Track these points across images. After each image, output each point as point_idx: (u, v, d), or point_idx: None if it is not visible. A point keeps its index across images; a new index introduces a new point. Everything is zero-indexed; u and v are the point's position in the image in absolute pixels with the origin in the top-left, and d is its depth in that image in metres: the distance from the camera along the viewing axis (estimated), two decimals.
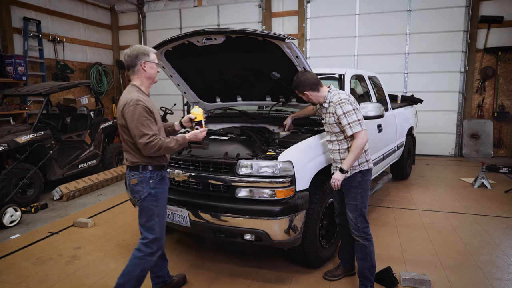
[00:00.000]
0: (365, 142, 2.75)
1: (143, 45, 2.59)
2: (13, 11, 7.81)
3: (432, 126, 8.61)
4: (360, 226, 2.87)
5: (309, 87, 2.85)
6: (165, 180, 2.65)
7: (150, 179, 2.54)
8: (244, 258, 3.58)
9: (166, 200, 2.67)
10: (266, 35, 3.01)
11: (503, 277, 3.18)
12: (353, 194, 2.87)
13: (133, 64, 2.52)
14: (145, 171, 2.53)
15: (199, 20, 10.07)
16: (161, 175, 2.60)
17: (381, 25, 8.76)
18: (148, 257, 2.57)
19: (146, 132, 2.39)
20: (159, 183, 2.58)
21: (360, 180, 2.86)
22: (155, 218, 2.57)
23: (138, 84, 2.56)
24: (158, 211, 2.58)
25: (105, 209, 5.13)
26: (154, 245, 2.59)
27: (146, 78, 2.57)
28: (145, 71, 2.53)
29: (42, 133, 5.65)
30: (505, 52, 8.13)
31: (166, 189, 2.66)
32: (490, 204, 5.07)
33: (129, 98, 2.43)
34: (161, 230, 2.62)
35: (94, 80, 10.04)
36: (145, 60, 2.51)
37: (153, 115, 2.50)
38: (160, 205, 2.59)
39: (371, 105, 3.90)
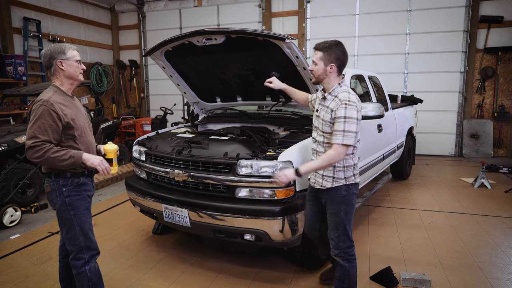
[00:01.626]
0: (339, 160, 2.37)
1: (63, 44, 2.43)
2: (13, 11, 7.81)
3: (432, 126, 8.61)
4: (342, 246, 2.51)
5: (340, 62, 2.39)
6: (85, 186, 2.44)
7: (63, 186, 2.35)
8: (244, 258, 3.58)
9: (88, 206, 2.47)
10: (266, 35, 3.01)
11: (503, 277, 3.18)
12: (336, 209, 2.51)
13: (49, 65, 2.36)
14: (57, 178, 2.35)
15: (199, 20, 10.07)
16: (77, 183, 2.39)
17: (381, 25, 8.76)
18: (85, 267, 2.42)
19: (37, 135, 2.20)
20: (75, 191, 2.38)
21: (344, 195, 2.48)
22: (75, 228, 2.38)
23: (58, 84, 2.40)
24: (77, 220, 2.38)
25: (105, 209, 5.13)
26: (84, 254, 2.42)
27: (66, 77, 2.39)
28: (63, 70, 2.36)
29: None
30: (505, 52, 8.12)
31: (85, 196, 2.44)
32: (490, 204, 5.07)
33: (39, 98, 2.28)
34: (86, 238, 2.42)
35: (94, 80, 10.04)
36: (61, 59, 2.33)
37: (63, 122, 2.28)
38: (79, 214, 2.39)
39: (371, 105, 3.90)
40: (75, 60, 2.40)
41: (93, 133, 2.62)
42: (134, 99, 11.37)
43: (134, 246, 3.91)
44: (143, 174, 3.65)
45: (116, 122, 7.55)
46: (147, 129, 8.34)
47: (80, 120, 2.42)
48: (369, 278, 3.15)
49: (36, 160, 2.23)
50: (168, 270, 3.37)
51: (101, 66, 10.41)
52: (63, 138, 2.31)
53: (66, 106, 2.33)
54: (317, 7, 9.20)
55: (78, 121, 2.39)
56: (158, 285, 3.12)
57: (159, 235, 4.16)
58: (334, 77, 2.44)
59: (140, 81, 11.18)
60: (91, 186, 2.53)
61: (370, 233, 4.13)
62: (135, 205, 3.74)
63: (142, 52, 10.89)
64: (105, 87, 10.50)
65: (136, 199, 3.62)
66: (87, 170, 2.44)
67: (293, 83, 3.49)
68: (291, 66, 3.27)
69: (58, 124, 2.25)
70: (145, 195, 3.44)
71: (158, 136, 3.92)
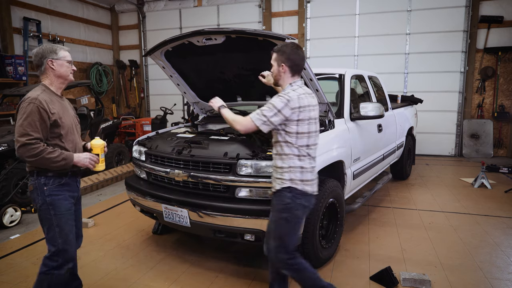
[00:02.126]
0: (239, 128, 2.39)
1: (56, 44, 2.47)
2: (13, 11, 7.81)
3: (432, 126, 8.61)
4: (280, 257, 2.38)
5: (291, 62, 2.38)
6: (67, 187, 2.40)
7: (45, 185, 2.31)
8: (244, 258, 3.58)
9: (70, 207, 2.41)
10: (266, 35, 3.01)
11: (503, 277, 3.18)
12: (276, 217, 2.37)
13: (39, 63, 2.37)
14: (39, 177, 2.32)
15: (199, 20, 10.07)
16: (59, 182, 2.35)
17: (381, 25, 8.76)
18: (54, 271, 2.34)
19: (29, 133, 2.19)
20: (56, 190, 2.34)
21: (288, 202, 2.33)
22: (55, 228, 2.34)
23: (47, 83, 2.41)
24: (57, 221, 2.33)
25: (105, 209, 5.13)
26: (59, 258, 2.35)
27: (56, 77, 2.40)
28: (53, 69, 2.37)
29: None
30: (505, 52, 8.13)
31: (67, 196, 2.39)
32: (490, 204, 5.07)
33: (27, 96, 2.28)
34: (64, 241, 2.35)
35: (94, 80, 10.04)
36: (52, 58, 2.35)
37: (51, 120, 2.28)
38: (59, 214, 2.34)
39: (371, 105, 3.91)
40: (66, 60, 2.41)
41: (80, 135, 2.61)
42: (134, 99, 11.37)
43: (134, 246, 3.91)
44: (143, 174, 3.65)
45: (116, 122, 7.55)
46: (147, 129, 8.34)
47: (67, 119, 2.41)
48: (369, 278, 3.15)
49: (29, 159, 2.22)
50: (168, 270, 3.37)
51: (101, 66, 10.42)
52: (49, 136, 2.31)
53: (54, 104, 2.33)
54: (317, 7, 9.20)
55: (65, 120, 2.39)
56: (158, 285, 3.12)
57: (159, 235, 4.16)
58: (287, 77, 2.43)
59: (140, 81, 11.18)
60: (76, 187, 2.50)
61: (370, 233, 4.13)
62: (135, 205, 3.74)
63: (142, 52, 10.89)
64: (105, 87, 10.50)
65: (136, 199, 3.62)
66: (71, 170, 2.41)
67: None
68: None
69: (47, 122, 2.26)
70: (145, 195, 3.44)
71: (158, 136, 3.92)
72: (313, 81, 3.31)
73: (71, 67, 2.44)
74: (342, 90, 4.15)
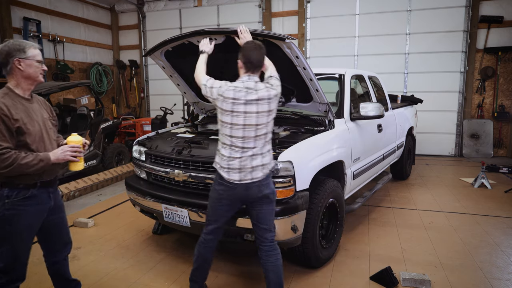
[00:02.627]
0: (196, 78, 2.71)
1: (23, 40, 2.22)
2: (13, 11, 7.81)
3: (432, 126, 8.61)
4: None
5: (245, 59, 2.50)
6: (33, 200, 2.18)
7: (7, 198, 2.11)
8: (244, 258, 3.58)
9: (32, 222, 2.22)
10: (266, 35, 3.01)
11: (503, 277, 3.18)
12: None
13: (5, 63, 2.12)
14: (3, 189, 2.12)
15: (199, 20, 10.07)
16: (23, 195, 2.14)
17: (381, 25, 8.76)
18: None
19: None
20: (18, 204, 2.13)
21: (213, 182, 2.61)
22: (5, 245, 2.13)
23: (12, 85, 2.16)
24: (10, 237, 2.13)
25: (105, 209, 5.13)
26: (4, 276, 2.17)
27: (24, 78, 2.15)
28: (21, 70, 2.13)
29: None
30: (505, 52, 8.13)
31: (31, 211, 2.18)
32: (490, 204, 5.07)
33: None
34: (14, 261, 2.16)
35: (94, 80, 10.04)
36: (19, 57, 2.12)
37: (14, 126, 2.06)
38: (15, 231, 2.14)
39: (371, 105, 3.91)
40: (36, 60, 2.18)
41: (56, 139, 2.39)
42: (134, 99, 11.37)
43: (134, 246, 3.91)
44: (143, 174, 3.65)
45: (116, 122, 7.55)
46: (147, 129, 8.34)
47: (34, 125, 2.16)
48: (369, 278, 3.15)
49: (3, 170, 2.02)
50: (168, 270, 3.37)
51: (101, 66, 10.42)
52: (15, 145, 2.09)
53: (17, 109, 2.11)
54: (317, 7, 9.20)
55: (32, 127, 2.15)
56: (158, 285, 3.12)
57: (159, 235, 4.16)
58: (241, 72, 2.56)
59: (140, 81, 11.18)
60: (47, 198, 2.27)
61: (370, 233, 4.13)
62: (135, 205, 3.74)
63: (142, 52, 10.89)
64: (105, 87, 10.51)
65: (136, 199, 3.62)
66: (40, 181, 2.20)
67: (293, 83, 3.49)
68: (291, 66, 3.27)
69: (12, 129, 2.06)
70: (145, 195, 3.44)
71: (158, 136, 3.92)
72: (313, 81, 3.31)
73: (41, 67, 2.22)
74: (342, 90, 4.14)
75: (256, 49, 2.51)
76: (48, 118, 2.33)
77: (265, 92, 2.44)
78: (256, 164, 2.45)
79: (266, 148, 2.50)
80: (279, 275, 2.58)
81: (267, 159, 2.50)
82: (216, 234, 2.71)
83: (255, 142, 2.44)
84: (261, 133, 2.45)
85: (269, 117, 2.48)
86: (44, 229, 2.36)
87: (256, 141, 2.44)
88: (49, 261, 2.52)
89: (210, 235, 2.70)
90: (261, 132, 2.45)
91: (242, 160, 2.44)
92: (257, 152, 2.45)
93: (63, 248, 2.53)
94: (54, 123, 2.39)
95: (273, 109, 2.50)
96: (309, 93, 3.51)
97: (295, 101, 3.82)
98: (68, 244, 2.56)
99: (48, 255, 2.51)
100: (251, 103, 2.41)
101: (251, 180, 2.45)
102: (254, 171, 2.45)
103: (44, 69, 2.25)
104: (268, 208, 2.56)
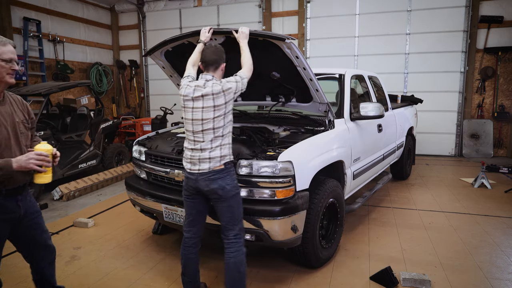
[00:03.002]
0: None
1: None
2: (13, 11, 7.81)
3: (432, 126, 8.61)
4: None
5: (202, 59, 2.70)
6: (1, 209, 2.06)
7: None
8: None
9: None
10: (266, 36, 3.01)
11: (503, 277, 3.18)
12: None
13: None
14: None
15: (199, 20, 10.07)
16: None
17: (381, 25, 8.76)
18: None
19: None
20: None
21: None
22: None
23: None
24: None
25: (105, 209, 5.13)
26: None
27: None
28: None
29: (42, 133, 5.64)
30: (505, 52, 8.13)
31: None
32: (490, 204, 5.07)
33: None
34: None
35: (94, 80, 10.04)
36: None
37: None
38: None
39: (371, 105, 3.91)
40: (2, 59, 1.98)
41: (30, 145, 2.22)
42: (134, 99, 11.37)
43: (134, 246, 3.91)
44: (143, 174, 3.65)
45: (116, 122, 7.55)
46: (147, 129, 8.35)
47: (2, 131, 2.00)
48: (369, 278, 3.15)
49: None
50: (168, 270, 3.37)
51: (101, 66, 10.42)
52: None
53: None
54: (317, 7, 9.20)
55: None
56: (158, 285, 3.12)
57: (159, 235, 4.16)
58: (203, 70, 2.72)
59: (140, 81, 11.18)
60: (14, 206, 2.12)
61: (370, 233, 4.13)
62: (135, 205, 3.74)
63: (142, 52, 10.89)
64: (105, 87, 10.50)
65: (136, 199, 3.62)
66: (5, 189, 2.04)
67: (293, 83, 3.49)
68: (291, 66, 3.27)
69: None
70: (145, 195, 3.44)
71: (158, 136, 3.92)
72: (313, 81, 3.31)
73: (9, 66, 2.00)
74: (342, 90, 4.15)
75: (210, 49, 2.66)
76: (21, 121, 2.16)
77: (210, 88, 2.53)
78: (203, 157, 2.54)
79: (215, 143, 2.55)
80: (229, 275, 2.61)
81: (215, 154, 2.54)
82: (193, 233, 2.77)
83: (203, 136, 2.55)
84: (207, 127, 2.53)
85: (215, 112, 2.52)
86: (20, 237, 2.26)
87: (204, 135, 2.55)
88: (32, 268, 2.42)
89: (187, 233, 2.78)
90: (208, 126, 2.53)
91: (193, 152, 2.60)
92: (206, 146, 2.54)
93: (44, 255, 2.40)
94: (28, 127, 2.22)
95: (220, 105, 2.53)
96: (309, 93, 3.51)
97: (295, 101, 3.82)
98: (49, 250, 2.42)
99: (30, 262, 2.41)
100: (197, 99, 2.54)
101: (198, 171, 2.56)
102: (201, 163, 2.55)
103: (14, 68, 2.04)
104: (220, 205, 2.61)
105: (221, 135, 2.56)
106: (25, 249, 2.37)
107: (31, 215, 2.26)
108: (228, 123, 2.60)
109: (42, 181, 2.06)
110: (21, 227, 2.23)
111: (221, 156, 2.56)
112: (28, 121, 2.22)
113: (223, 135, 2.57)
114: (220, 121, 2.55)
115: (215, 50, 2.66)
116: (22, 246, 2.36)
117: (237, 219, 2.65)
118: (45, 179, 2.07)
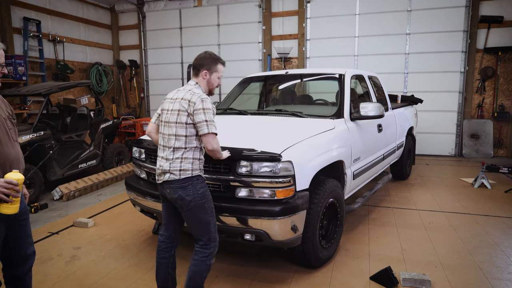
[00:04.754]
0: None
1: None
2: (13, 11, 7.81)
3: (432, 126, 8.61)
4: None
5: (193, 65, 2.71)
6: None
7: None
8: (244, 258, 3.58)
9: None
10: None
11: (503, 277, 3.18)
12: None
13: None
14: None
15: (199, 20, 10.08)
16: None
17: (381, 25, 8.76)
18: None
19: None
20: None
21: None
22: None
23: None
24: None
25: (105, 209, 5.13)
26: None
27: None
28: None
29: (42, 133, 5.64)
30: (505, 52, 8.13)
31: None
32: (490, 204, 5.07)
33: None
34: None
35: (94, 80, 10.04)
36: None
37: None
38: None
39: (371, 105, 3.91)
40: None
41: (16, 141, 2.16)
42: (134, 99, 11.37)
43: (134, 246, 3.91)
44: (143, 174, 3.65)
45: (116, 122, 7.55)
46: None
47: None
48: (369, 278, 3.15)
49: None
50: None
51: (101, 66, 10.42)
52: None
53: None
54: (317, 7, 9.20)
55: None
56: None
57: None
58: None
59: (140, 81, 11.18)
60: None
61: (370, 233, 4.13)
62: (135, 205, 3.74)
63: (142, 52, 10.89)
64: (105, 87, 10.50)
65: (136, 199, 3.62)
66: None
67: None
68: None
69: None
70: (145, 195, 3.44)
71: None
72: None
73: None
74: (342, 90, 4.15)
75: (199, 55, 2.68)
76: (7, 117, 2.12)
77: (181, 94, 2.55)
78: (165, 168, 2.50)
79: (176, 154, 2.48)
80: (187, 280, 2.62)
81: (174, 166, 2.47)
82: (166, 237, 2.76)
83: (165, 148, 2.55)
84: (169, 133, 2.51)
85: (178, 118, 2.48)
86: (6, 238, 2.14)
87: (165, 149, 2.56)
88: (7, 275, 2.26)
89: (161, 237, 2.78)
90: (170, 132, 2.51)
91: (158, 161, 2.61)
92: (168, 157, 2.51)
93: (23, 262, 2.27)
94: (14, 122, 2.18)
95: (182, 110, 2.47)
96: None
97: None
98: (29, 258, 2.31)
99: (6, 269, 2.26)
100: (167, 101, 2.63)
101: (162, 179, 2.56)
102: (163, 173, 2.53)
103: (3, 72, 2.01)
104: (184, 214, 2.58)
105: (182, 148, 2.48)
106: (3, 254, 2.21)
107: (15, 220, 2.15)
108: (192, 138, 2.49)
109: (8, 211, 1.83)
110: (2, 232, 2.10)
111: (180, 169, 2.48)
112: (13, 117, 2.20)
113: (184, 149, 2.48)
114: (183, 132, 2.48)
115: (201, 55, 2.67)
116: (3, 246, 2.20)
117: (204, 229, 2.58)
118: (10, 210, 1.85)
